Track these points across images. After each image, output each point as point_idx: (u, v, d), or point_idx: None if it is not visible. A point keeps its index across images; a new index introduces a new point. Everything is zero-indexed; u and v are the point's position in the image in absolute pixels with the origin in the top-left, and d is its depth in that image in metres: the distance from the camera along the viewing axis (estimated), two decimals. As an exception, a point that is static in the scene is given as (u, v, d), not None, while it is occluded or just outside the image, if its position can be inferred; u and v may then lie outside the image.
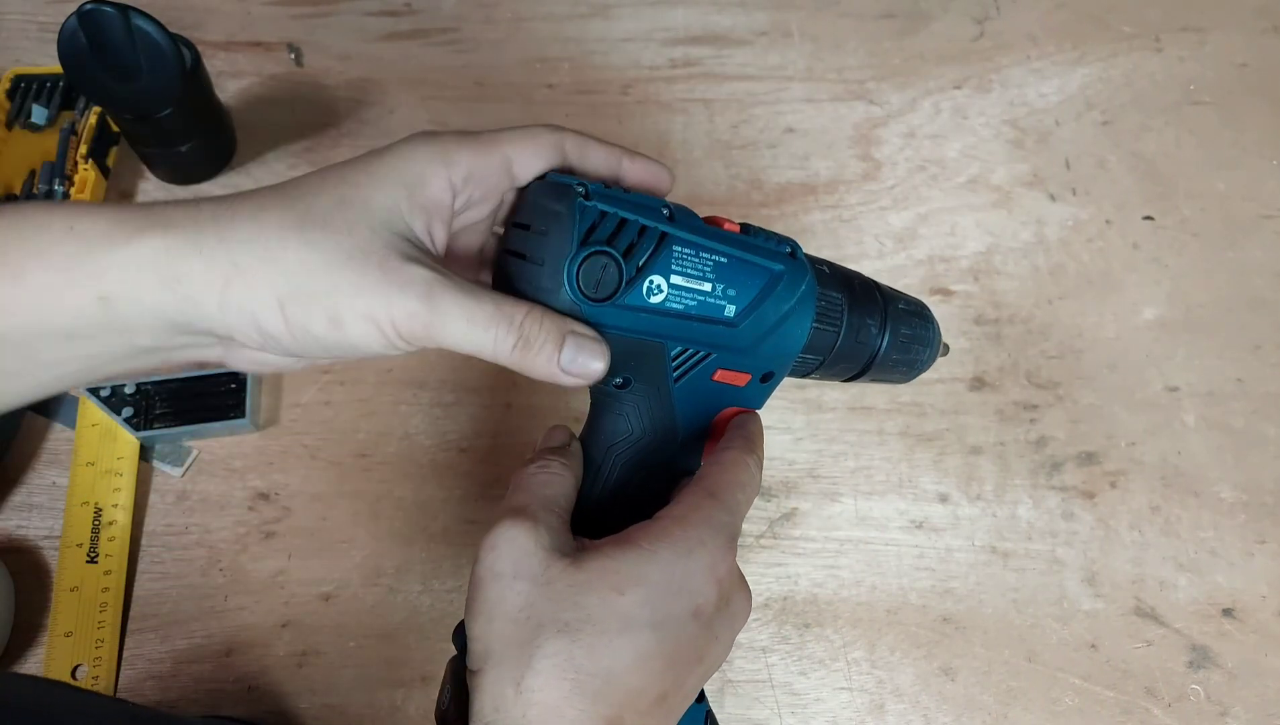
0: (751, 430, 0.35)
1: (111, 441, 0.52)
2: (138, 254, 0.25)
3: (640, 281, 0.30)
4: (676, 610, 0.28)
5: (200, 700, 0.47)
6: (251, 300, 0.26)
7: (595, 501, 0.34)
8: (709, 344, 0.32)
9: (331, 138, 0.65)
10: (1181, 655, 0.51)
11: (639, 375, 0.32)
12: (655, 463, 0.34)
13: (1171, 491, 0.55)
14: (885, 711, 0.49)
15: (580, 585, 0.28)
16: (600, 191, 0.30)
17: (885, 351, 0.37)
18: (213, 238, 0.26)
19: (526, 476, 0.32)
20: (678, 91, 0.68)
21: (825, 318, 0.35)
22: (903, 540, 0.53)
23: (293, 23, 0.69)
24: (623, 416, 0.33)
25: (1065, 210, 0.65)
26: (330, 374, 0.56)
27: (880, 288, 0.38)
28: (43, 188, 0.59)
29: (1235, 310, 0.62)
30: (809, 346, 0.35)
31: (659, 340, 0.31)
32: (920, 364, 0.40)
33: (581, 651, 0.27)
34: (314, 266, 0.26)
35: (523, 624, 0.28)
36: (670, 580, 0.28)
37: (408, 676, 0.48)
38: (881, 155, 0.67)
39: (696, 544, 0.29)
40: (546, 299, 0.29)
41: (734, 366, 0.33)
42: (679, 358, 0.32)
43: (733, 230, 0.33)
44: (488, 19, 0.71)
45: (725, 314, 0.32)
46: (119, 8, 0.51)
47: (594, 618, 0.27)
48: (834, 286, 0.35)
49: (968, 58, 0.71)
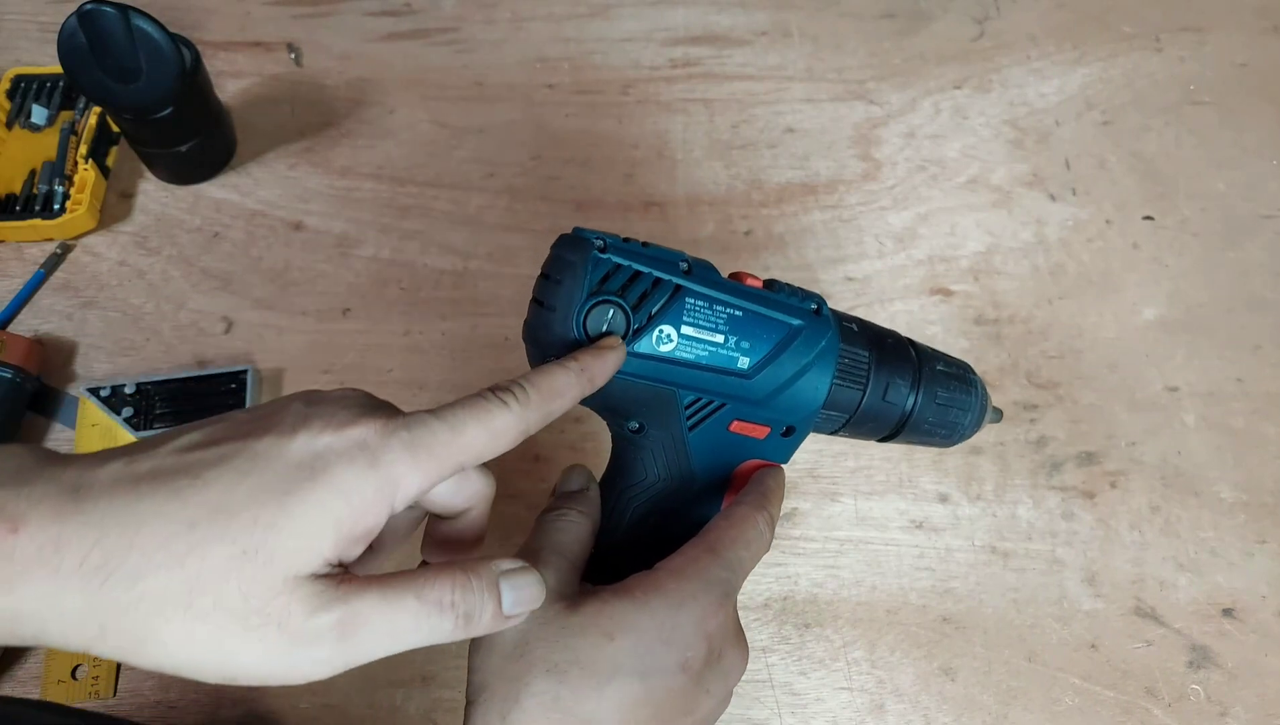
0: (768, 486, 0.35)
1: (111, 441, 0.52)
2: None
3: (650, 330, 0.31)
4: (664, 661, 0.29)
5: (200, 700, 0.47)
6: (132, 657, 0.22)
7: (611, 544, 0.34)
8: (722, 394, 0.33)
9: (331, 138, 0.65)
10: (1181, 655, 0.51)
11: (653, 421, 0.33)
12: (672, 510, 0.35)
13: (1171, 491, 0.55)
14: (885, 711, 0.49)
15: (573, 628, 0.29)
16: (618, 246, 0.31)
17: (918, 413, 0.37)
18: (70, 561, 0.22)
19: (543, 523, 0.33)
20: (678, 91, 0.68)
21: (848, 375, 0.35)
22: (903, 540, 0.53)
23: (293, 23, 0.69)
24: (640, 462, 0.34)
25: (1065, 210, 0.65)
26: (330, 374, 0.56)
27: (916, 347, 0.38)
28: (43, 188, 0.59)
29: (1235, 310, 0.62)
30: (831, 403, 0.35)
31: (671, 387, 0.32)
32: (961, 429, 0.39)
33: (568, 693, 0.28)
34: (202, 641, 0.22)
35: (515, 660, 0.28)
36: (659, 631, 0.29)
37: (408, 676, 0.48)
38: (881, 155, 0.67)
39: (688, 598, 0.30)
40: (558, 343, 0.30)
41: (751, 418, 0.34)
42: (692, 406, 0.33)
43: (755, 285, 0.33)
44: (488, 19, 0.71)
45: (738, 366, 0.32)
46: (119, 8, 0.51)
47: (582, 661, 0.28)
48: (860, 344, 0.35)
49: (968, 58, 0.71)
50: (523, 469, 0.54)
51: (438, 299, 0.59)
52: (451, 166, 0.64)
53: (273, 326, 0.57)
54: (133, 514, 0.22)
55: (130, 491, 0.23)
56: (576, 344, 0.30)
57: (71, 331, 0.56)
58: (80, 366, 0.55)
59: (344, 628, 0.23)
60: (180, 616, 0.22)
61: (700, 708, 0.30)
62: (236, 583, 0.22)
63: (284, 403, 0.26)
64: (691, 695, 0.29)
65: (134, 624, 0.22)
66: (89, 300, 0.58)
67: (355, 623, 0.24)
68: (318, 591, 0.23)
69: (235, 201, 0.62)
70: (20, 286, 0.57)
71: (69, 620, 0.22)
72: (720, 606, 0.30)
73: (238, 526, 0.23)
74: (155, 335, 0.57)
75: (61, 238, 0.59)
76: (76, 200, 0.58)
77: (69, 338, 0.56)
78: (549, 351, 0.31)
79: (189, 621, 0.22)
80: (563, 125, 0.66)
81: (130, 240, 0.60)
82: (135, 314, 0.57)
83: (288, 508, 0.23)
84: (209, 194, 0.62)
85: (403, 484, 0.25)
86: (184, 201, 0.62)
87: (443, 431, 0.25)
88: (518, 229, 0.62)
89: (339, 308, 0.58)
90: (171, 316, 0.57)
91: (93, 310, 0.57)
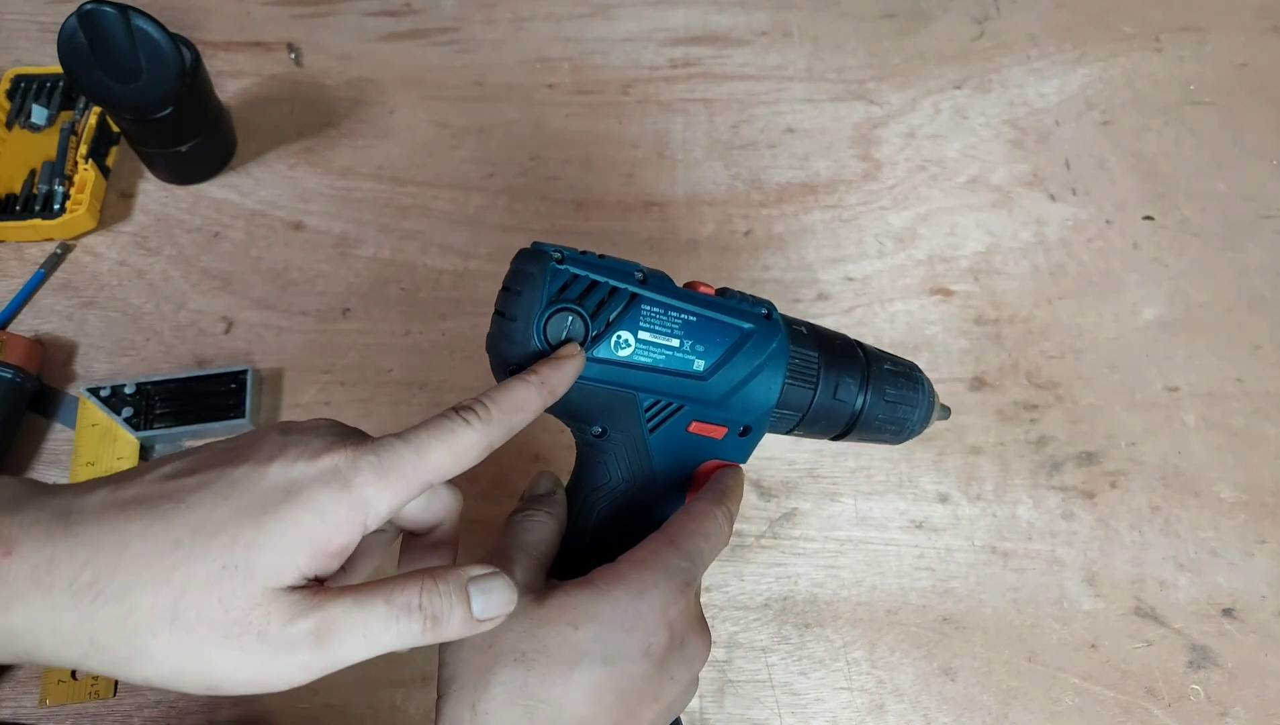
0: (728, 484, 0.36)
1: (111, 441, 0.52)
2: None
3: (608, 336, 0.32)
4: (628, 647, 0.30)
5: (200, 700, 0.47)
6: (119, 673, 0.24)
7: (578, 545, 0.36)
8: (680, 396, 0.34)
9: (331, 138, 0.65)
10: (1181, 655, 0.51)
11: (614, 425, 0.34)
12: (635, 510, 0.36)
13: (1171, 491, 0.55)
14: (885, 711, 0.49)
15: (539, 619, 0.30)
16: (575, 257, 0.32)
17: (868, 411, 0.39)
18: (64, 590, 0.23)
19: (511, 523, 0.34)
20: (678, 91, 0.68)
21: (799, 375, 0.36)
22: (903, 540, 0.53)
23: (293, 23, 0.69)
24: (603, 465, 0.35)
25: (1065, 210, 0.65)
26: (330, 374, 0.56)
27: (864, 348, 0.40)
28: (43, 188, 0.59)
29: (1235, 310, 0.62)
30: (784, 402, 0.36)
31: (630, 391, 0.34)
32: (910, 426, 0.41)
33: (536, 680, 0.29)
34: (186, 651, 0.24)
35: (484, 652, 0.30)
36: (622, 619, 0.30)
37: (408, 676, 0.48)
38: (881, 155, 0.67)
39: (649, 586, 0.31)
40: (518, 351, 0.32)
41: (708, 418, 0.35)
42: (652, 408, 0.34)
43: (707, 293, 0.35)
44: (488, 19, 0.71)
45: (694, 368, 0.34)
46: (119, 8, 0.51)
47: (549, 649, 0.29)
48: (809, 345, 0.37)
49: (968, 58, 0.71)
50: (522, 469, 0.54)
51: (438, 299, 0.59)
52: (451, 166, 0.64)
53: (272, 326, 0.57)
54: (120, 535, 0.24)
55: (118, 515, 0.24)
56: (538, 353, 0.31)
57: (71, 331, 0.56)
58: (80, 366, 0.55)
59: (319, 633, 0.25)
60: (166, 629, 0.23)
61: (665, 693, 0.31)
62: (218, 596, 0.24)
63: (260, 433, 0.28)
64: (656, 680, 0.31)
65: (122, 639, 0.23)
66: (89, 300, 0.58)
67: (330, 628, 0.25)
68: (294, 602, 0.25)
69: (235, 201, 0.62)
70: (20, 286, 0.57)
71: (61, 637, 0.23)
72: (681, 594, 0.32)
73: (218, 545, 0.24)
74: (155, 335, 0.57)
75: (61, 238, 0.59)
76: (76, 200, 0.58)
77: (69, 338, 0.56)
78: (511, 360, 0.32)
79: (174, 634, 0.23)
80: (563, 125, 0.66)
81: (130, 240, 0.60)
82: (135, 314, 0.57)
83: (265, 527, 0.25)
84: (209, 194, 0.62)
85: (373, 504, 0.26)
86: (184, 201, 0.62)
87: (409, 453, 0.27)
88: (518, 229, 0.62)
89: (339, 308, 0.58)
90: (171, 316, 0.57)
91: (93, 310, 0.57)
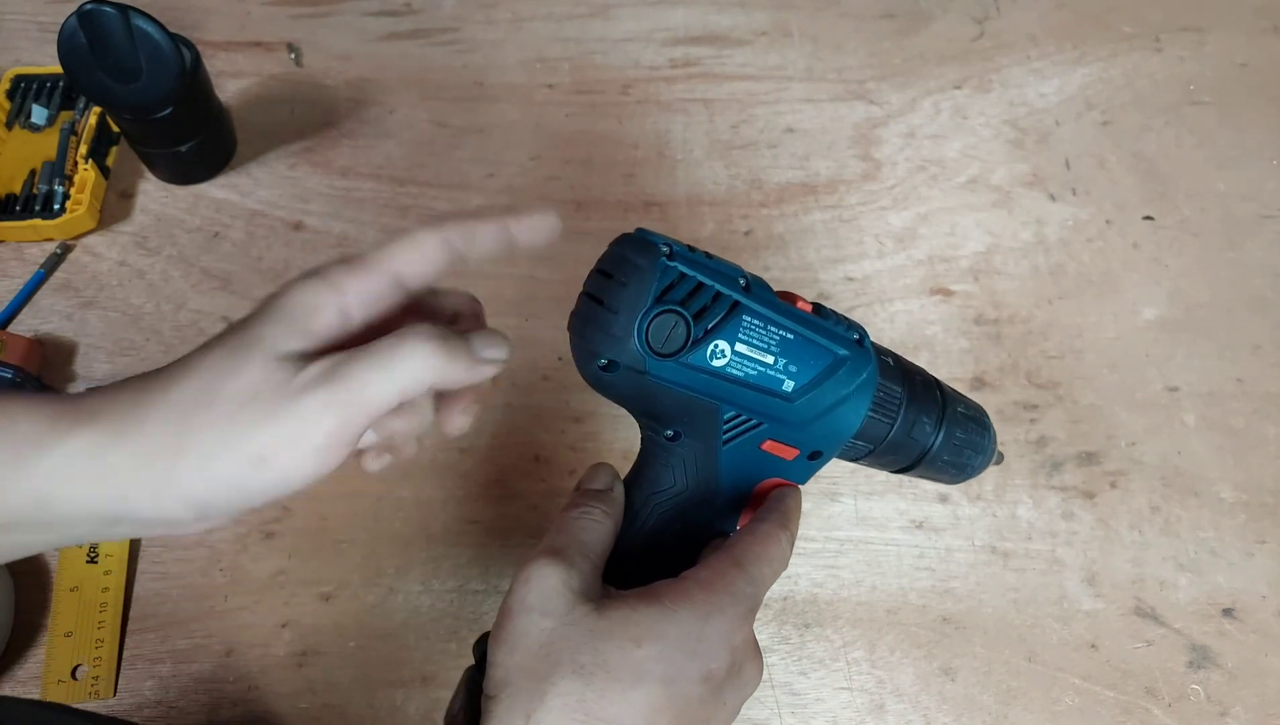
0: (789, 506, 0.35)
1: (111, 441, 0.52)
2: (70, 454, 0.25)
3: (706, 343, 0.31)
4: (689, 671, 0.29)
5: (200, 700, 0.47)
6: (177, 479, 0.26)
7: (629, 547, 0.35)
8: (763, 414, 0.33)
9: (331, 138, 0.65)
10: (1181, 655, 0.51)
11: (691, 431, 0.33)
12: (692, 519, 0.35)
13: (1171, 491, 0.55)
14: (885, 711, 0.49)
15: (601, 632, 0.29)
16: (684, 254, 0.31)
17: (937, 451, 0.38)
18: (132, 427, 0.26)
19: (568, 519, 0.33)
20: (678, 91, 0.68)
21: (882, 408, 0.35)
22: (903, 540, 0.53)
23: (293, 23, 0.69)
24: (669, 468, 0.34)
25: (1065, 210, 0.65)
26: (330, 374, 0.56)
27: (942, 387, 0.39)
28: (43, 188, 0.59)
29: (1235, 310, 0.62)
30: (861, 433, 0.35)
31: (715, 402, 0.32)
32: (970, 469, 0.40)
33: (593, 695, 0.28)
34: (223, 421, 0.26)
35: (542, 659, 0.29)
36: (686, 641, 0.29)
37: (408, 676, 0.48)
38: (881, 155, 0.67)
39: (716, 610, 0.30)
40: (615, 346, 0.30)
41: (784, 439, 0.34)
42: (731, 421, 0.33)
43: (805, 308, 0.34)
44: (488, 19, 0.71)
45: (783, 388, 0.33)
46: (119, 8, 0.51)
47: (609, 664, 0.28)
48: (895, 379, 0.36)
49: (968, 58, 0.71)
50: (523, 469, 0.54)
51: (438, 299, 0.59)
52: (451, 166, 0.64)
53: (273, 326, 0.57)
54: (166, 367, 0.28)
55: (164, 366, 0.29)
56: (636, 353, 0.30)
57: (71, 331, 0.56)
58: (80, 366, 0.55)
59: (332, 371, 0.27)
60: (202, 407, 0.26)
61: (717, 718, 0.31)
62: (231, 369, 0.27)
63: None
64: (710, 706, 0.30)
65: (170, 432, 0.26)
66: (89, 300, 0.58)
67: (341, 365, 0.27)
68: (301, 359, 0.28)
69: (235, 201, 0.62)
70: (20, 286, 0.57)
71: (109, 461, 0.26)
72: (745, 620, 0.31)
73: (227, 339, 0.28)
74: (155, 335, 0.57)
75: (61, 238, 0.59)
76: (76, 200, 0.58)
77: (69, 338, 0.56)
78: (603, 354, 0.31)
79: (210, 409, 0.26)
80: (563, 125, 0.66)
81: (130, 240, 0.60)
82: (135, 314, 0.57)
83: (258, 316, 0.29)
84: (209, 194, 0.62)
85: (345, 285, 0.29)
86: (184, 201, 0.62)
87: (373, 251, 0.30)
88: (518, 229, 0.62)
89: (339, 308, 0.58)
90: (171, 316, 0.57)
91: (93, 310, 0.57)
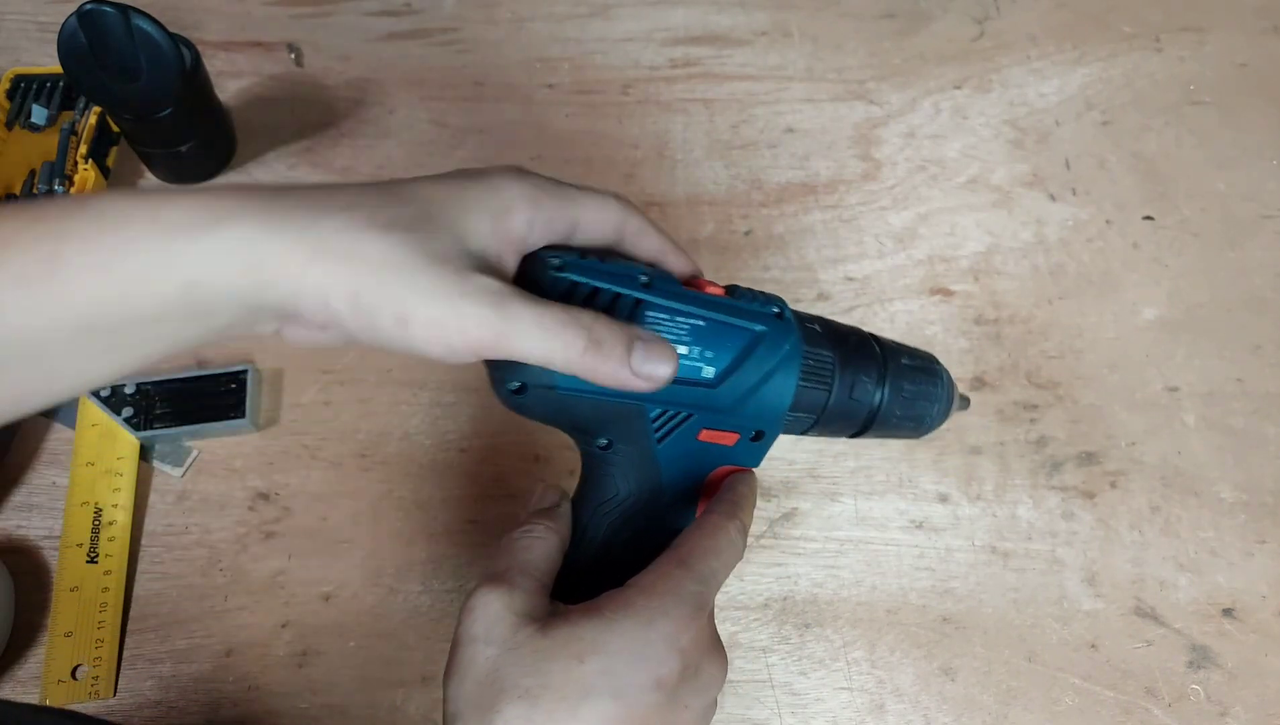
0: (740, 492, 0.35)
1: (111, 441, 0.52)
2: (222, 242, 0.25)
3: None
4: (637, 679, 0.29)
5: (200, 700, 0.47)
6: (327, 284, 0.26)
7: (582, 562, 0.34)
8: (689, 405, 0.33)
9: (331, 138, 0.65)
10: (1181, 655, 0.51)
11: (621, 436, 0.33)
12: (644, 523, 0.34)
13: (1171, 491, 0.55)
14: (885, 711, 0.49)
15: (543, 652, 0.29)
16: (575, 263, 0.31)
17: (886, 408, 0.37)
18: (299, 225, 0.26)
19: (510, 541, 0.33)
20: (678, 91, 0.68)
21: (814, 376, 0.35)
22: (903, 540, 0.53)
23: (293, 23, 0.69)
24: (609, 478, 0.34)
25: (1065, 210, 0.65)
26: (330, 374, 0.56)
27: (880, 342, 0.38)
28: (42, 188, 0.59)
29: (1235, 310, 0.62)
30: (798, 405, 0.35)
31: (636, 402, 0.32)
32: (929, 420, 0.39)
33: (541, 717, 0.28)
34: (392, 264, 0.26)
35: (487, 687, 0.28)
36: (630, 649, 0.29)
37: (408, 676, 0.48)
38: (881, 155, 0.67)
39: (658, 614, 0.30)
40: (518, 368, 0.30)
41: (719, 426, 0.34)
42: (659, 419, 0.33)
43: (716, 293, 0.33)
44: (488, 19, 0.71)
45: (704, 375, 0.32)
46: (119, 8, 0.51)
47: (553, 684, 0.28)
48: (824, 345, 0.35)
49: (968, 58, 0.71)
50: (523, 469, 0.54)
51: (438, 299, 0.59)
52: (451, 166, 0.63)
53: (273, 326, 0.57)
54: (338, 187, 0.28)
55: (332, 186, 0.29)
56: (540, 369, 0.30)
57: (71, 331, 0.56)
58: (80, 366, 0.55)
59: (501, 297, 0.27)
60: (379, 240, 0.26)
61: (679, 722, 0.30)
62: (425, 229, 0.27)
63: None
64: (668, 711, 0.29)
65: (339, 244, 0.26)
66: (89, 300, 0.57)
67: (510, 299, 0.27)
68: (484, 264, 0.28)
69: (235, 201, 0.62)
70: (20, 286, 0.57)
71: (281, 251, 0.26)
72: (692, 620, 0.30)
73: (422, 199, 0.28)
74: (155, 335, 0.57)
75: (61, 238, 0.59)
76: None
77: (69, 338, 0.56)
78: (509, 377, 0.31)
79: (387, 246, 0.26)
80: (563, 125, 0.66)
81: (130, 240, 0.60)
82: (135, 314, 0.57)
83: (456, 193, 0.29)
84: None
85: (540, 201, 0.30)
86: (184, 201, 0.62)
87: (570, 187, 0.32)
88: (518, 229, 0.62)
89: (339, 308, 0.58)
90: (171, 316, 0.57)
91: (93, 310, 0.57)
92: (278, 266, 0.26)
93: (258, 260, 0.25)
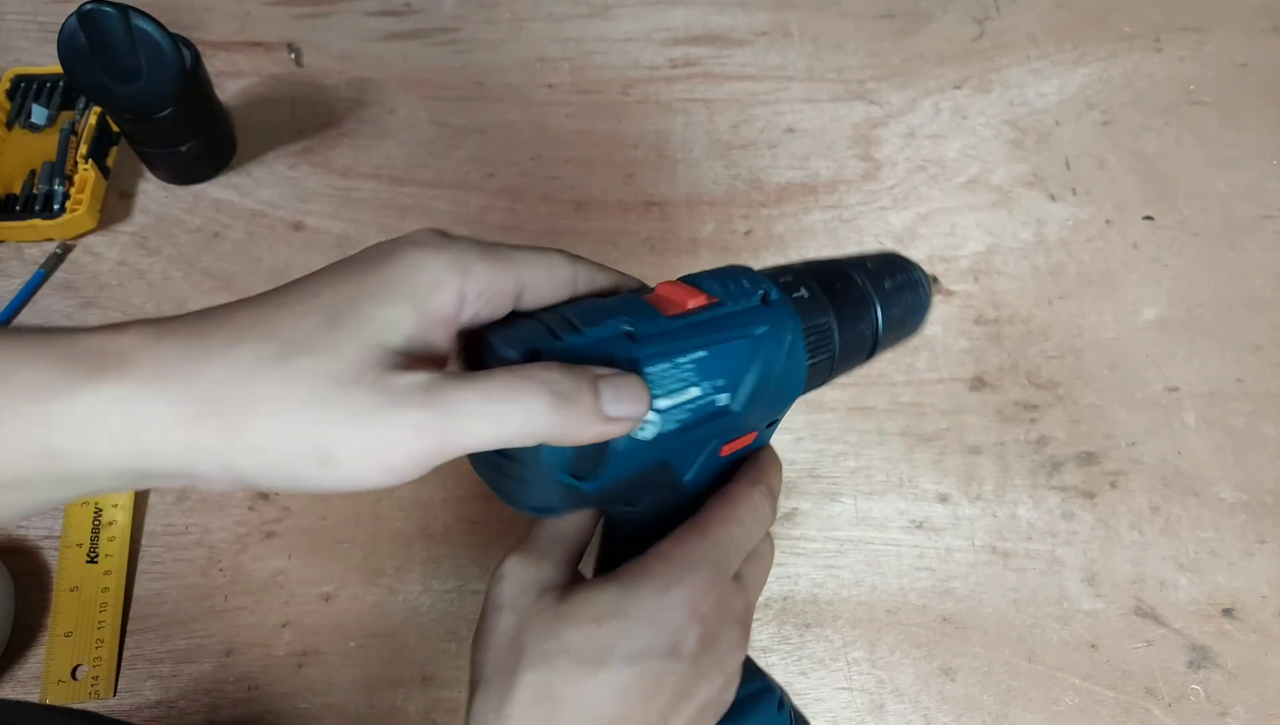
0: (763, 462, 0.34)
1: (111, 441, 0.52)
2: (87, 407, 0.22)
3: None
4: (654, 645, 0.29)
5: (200, 700, 0.47)
6: (222, 446, 0.22)
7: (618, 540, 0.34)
8: (712, 436, 0.31)
9: (331, 138, 0.65)
10: (1181, 655, 0.51)
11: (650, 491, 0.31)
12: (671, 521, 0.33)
13: (1171, 491, 0.55)
14: (885, 711, 0.49)
15: (562, 617, 0.29)
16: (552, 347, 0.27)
17: (883, 335, 0.36)
18: (180, 376, 0.22)
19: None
20: (678, 91, 0.68)
21: (819, 349, 0.33)
22: (903, 540, 0.53)
23: (293, 23, 0.69)
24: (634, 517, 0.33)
25: (1065, 210, 0.65)
26: (330, 374, 0.56)
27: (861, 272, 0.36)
28: (42, 188, 0.59)
29: (1235, 310, 0.62)
30: (809, 380, 0.33)
31: (663, 462, 0.30)
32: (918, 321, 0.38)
33: (559, 680, 0.28)
34: (297, 400, 0.23)
35: (510, 653, 0.29)
36: (647, 616, 0.29)
37: (408, 676, 0.48)
38: (881, 155, 0.67)
39: (674, 581, 0.29)
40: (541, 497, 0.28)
41: (738, 435, 0.32)
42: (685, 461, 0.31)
43: (698, 303, 0.30)
44: (488, 19, 0.71)
45: (719, 405, 0.30)
46: (119, 8, 0.51)
47: (571, 648, 0.28)
48: (819, 310, 0.33)
49: (968, 58, 0.71)
50: (523, 469, 0.54)
51: (438, 299, 0.59)
52: (451, 166, 0.64)
53: (273, 326, 0.57)
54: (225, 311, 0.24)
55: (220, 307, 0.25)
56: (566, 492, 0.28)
57: (71, 331, 0.56)
58: (80, 366, 0.55)
59: (434, 390, 0.23)
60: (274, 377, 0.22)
61: (698, 691, 0.30)
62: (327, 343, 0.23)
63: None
64: (687, 679, 0.29)
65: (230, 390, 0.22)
66: (89, 300, 0.58)
67: (446, 388, 0.23)
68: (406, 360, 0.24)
69: (235, 201, 0.62)
70: (20, 286, 0.57)
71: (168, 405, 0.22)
72: (711, 586, 0.30)
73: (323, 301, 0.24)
74: (155, 335, 0.57)
75: (61, 238, 0.59)
76: (76, 200, 0.58)
77: (69, 338, 0.56)
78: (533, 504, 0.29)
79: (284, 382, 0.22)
80: (563, 125, 0.66)
81: (130, 240, 0.60)
82: (135, 314, 0.57)
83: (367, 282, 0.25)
84: (209, 194, 0.62)
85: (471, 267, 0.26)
86: (184, 201, 0.62)
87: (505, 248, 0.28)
88: (517, 229, 0.62)
89: (339, 308, 0.58)
90: (171, 316, 0.57)
91: (93, 310, 0.57)
92: (159, 434, 0.22)
93: (132, 428, 0.22)
